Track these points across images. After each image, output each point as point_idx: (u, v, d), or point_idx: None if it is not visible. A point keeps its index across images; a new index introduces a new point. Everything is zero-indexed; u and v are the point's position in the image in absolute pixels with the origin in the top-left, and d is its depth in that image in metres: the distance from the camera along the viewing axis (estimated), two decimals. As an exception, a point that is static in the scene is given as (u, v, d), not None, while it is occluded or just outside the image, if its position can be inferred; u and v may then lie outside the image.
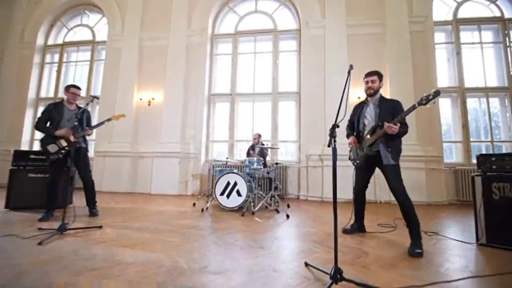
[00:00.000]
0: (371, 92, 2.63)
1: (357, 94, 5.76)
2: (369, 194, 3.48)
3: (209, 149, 6.45)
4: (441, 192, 5.30)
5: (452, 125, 5.91)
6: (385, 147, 2.45)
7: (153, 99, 6.44)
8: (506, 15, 5.84)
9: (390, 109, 2.50)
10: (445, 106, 5.88)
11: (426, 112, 5.44)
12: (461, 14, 5.99)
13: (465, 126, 5.68)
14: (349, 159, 2.89)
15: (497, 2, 5.94)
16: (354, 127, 2.83)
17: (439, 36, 6.04)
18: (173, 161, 6.00)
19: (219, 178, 4.12)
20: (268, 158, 5.35)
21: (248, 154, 5.22)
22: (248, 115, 6.46)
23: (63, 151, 3.07)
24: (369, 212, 2.72)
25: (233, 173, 4.11)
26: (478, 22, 5.92)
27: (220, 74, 6.74)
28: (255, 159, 4.39)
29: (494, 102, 5.84)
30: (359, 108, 2.79)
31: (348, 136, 2.84)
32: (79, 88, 3.29)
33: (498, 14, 5.89)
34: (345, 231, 2.81)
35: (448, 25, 5.97)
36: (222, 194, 4.11)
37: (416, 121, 5.48)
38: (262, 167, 4.30)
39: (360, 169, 2.79)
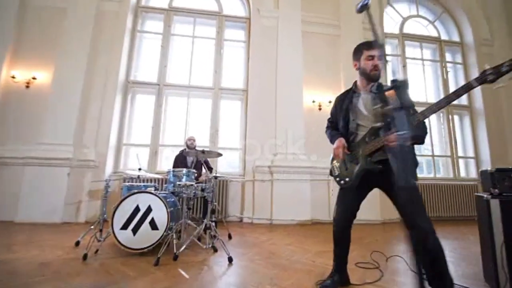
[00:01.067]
0: (377, 75, 1.68)
1: (311, 97, 5.04)
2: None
3: (120, 156, 4.66)
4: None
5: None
6: (398, 157, 1.47)
7: (34, 78, 4.34)
8: (442, 37, 6.16)
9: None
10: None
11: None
12: (406, 30, 6.07)
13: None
14: (331, 175, 1.86)
15: (435, 23, 6.25)
16: (338, 128, 1.85)
17: (387, 48, 5.95)
18: (59, 171, 4.01)
19: (121, 201, 2.56)
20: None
21: (176, 164, 3.78)
22: (181, 113, 5.00)
23: None
24: (328, 240, 1.73)
25: (146, 192, 2.62)
26: (420, 40, 6.06)
27: (145, 58, 5.13)
28: (184, 171, 3.01)
29: (432, 118, 5.97)
30: (346, 100, 1.82)
31: (333, 139, 1.81)
32: None
33: (435, 34, 6.17)
34: None
35: (395, 38, 5.94)
36: (124, 227, 2.54)
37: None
38: (193, 182, 2.93)
39: (349, 191, 1.75)
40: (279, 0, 5.24)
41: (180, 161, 3.82)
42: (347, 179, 1.72)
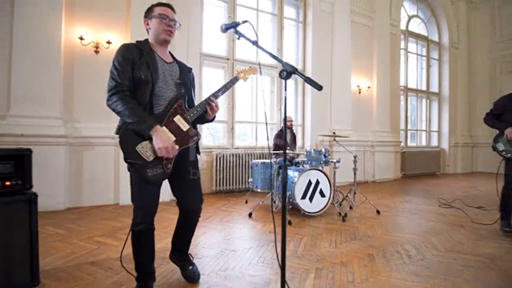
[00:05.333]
0: None
1: (356, 82, 5.97)
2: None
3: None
4: (397, 169, 6.69)
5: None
6: None
7: (108, 43, 3.69)
8: (429, 36, 7.84)
9: None
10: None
11: (395, 106, 6.54)
12: (406, 27, 7.42)
13: (406, 117, 7.34)
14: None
15: (427, 24, 7.82)
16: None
17: (394, 41, 7.22)
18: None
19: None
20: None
21: (278, 140, 4.22)
22: (246, 90, 5.15)
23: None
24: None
25: (314, 169, 3.23)
26: (416, 38, 7.56)
27: (212, 30, 4.82)
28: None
29: (417, 102, 7.86)
30: None
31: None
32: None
33: (425, 33, 7.79)
34: None
35: (402, 34, 7.23)
36: (303, 197, 3.15)
37: (390, 112, 6.45)
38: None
39: None
40: (334, -14, 5.61)
41: (281, 137, 4.27)
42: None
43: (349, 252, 2.17)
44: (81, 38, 3.53)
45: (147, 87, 1.38)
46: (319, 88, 1.04)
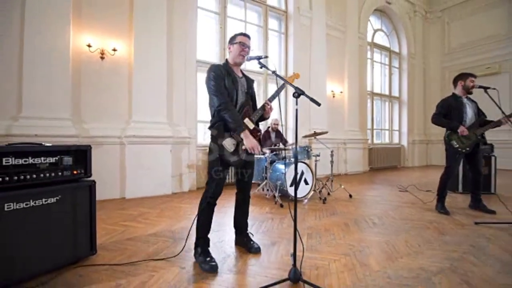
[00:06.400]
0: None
1: (330, 88, 6.79)
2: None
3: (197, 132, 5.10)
4: (366, 163, 7.66)
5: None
6: None
7: (114, 50, 4.02)
8: (391, 48, 8.96)
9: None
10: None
11: (363, 108, 7.49)
12: (372, 39, 8.45)
13: (373, 118, 8.37)
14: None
15: (389, 36, 8.93)
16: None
17: (363, 51, 8.20)
18: (161, 148, 4.26)
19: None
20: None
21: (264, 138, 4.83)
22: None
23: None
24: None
25: (300, 162, 3.89)
26: (380, 49, 8.63)
27: (205, 37, 5.29)
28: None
29: (381, 105, 8.95)
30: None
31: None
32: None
33: (387, 45, 8.89)
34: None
35: (368, 45, 8.24)
36: (291, 185, 3.80)
37: (359, 114, 7.39)
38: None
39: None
40: (312, 2, 6.36)
41: (266, 137, 4.89)
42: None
43: (330, 223, 2.85)
44: (89, 46, 3.84)
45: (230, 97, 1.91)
46: (319, 104, 1.65)
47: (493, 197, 4.01)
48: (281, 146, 4.35)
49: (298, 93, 1.63)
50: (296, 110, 1.68)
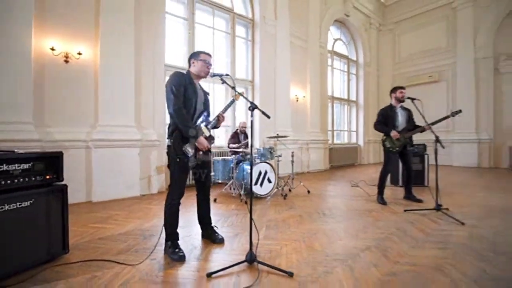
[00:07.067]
0: None
1: (294, 92, 7.30)
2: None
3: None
4: (326, 162, 8.35)
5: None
6: None
7: (79, 54, 4.02)
8: (349, 56, 9.81)
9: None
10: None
11: (324, 111, 8.14)
12: (332, 48, 9.19)
13: (333, 120, 9.12)
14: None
15: (347, 46, 9.75)
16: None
17: (324, 58, 8.89)
18: (129, 151, 4.34)
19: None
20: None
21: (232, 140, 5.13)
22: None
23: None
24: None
25: (263, 162, 4.26)
26: (340, 57, 9.41)
27: (173, 42, 5.42)
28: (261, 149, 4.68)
29: (341, 108, 9.75)
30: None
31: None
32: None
33: (346, 53, 9.72)
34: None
35: (329, 54, 8.95)
36: (256, 183, 4.16)
37: (320, 116, 8.03)
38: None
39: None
40: (276, 12, 6.79)
41: (234, 138, 5.20)
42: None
43: (288, 216, 3.25)
44: (52, 49, 3.81)
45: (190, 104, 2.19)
46: (268, 117, 2.01)
47: (426, 189, 4.76)
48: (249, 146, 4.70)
49: (253, 106, 1.97)
50: (252, 121, 2.02)
